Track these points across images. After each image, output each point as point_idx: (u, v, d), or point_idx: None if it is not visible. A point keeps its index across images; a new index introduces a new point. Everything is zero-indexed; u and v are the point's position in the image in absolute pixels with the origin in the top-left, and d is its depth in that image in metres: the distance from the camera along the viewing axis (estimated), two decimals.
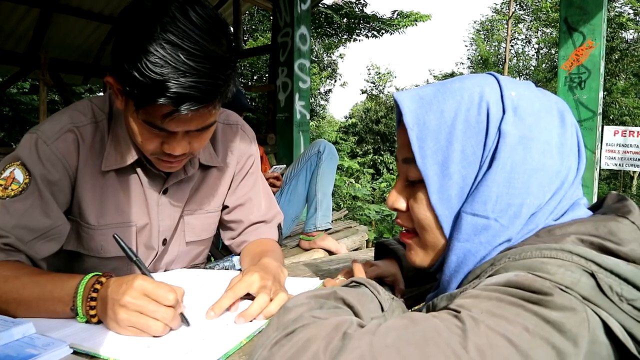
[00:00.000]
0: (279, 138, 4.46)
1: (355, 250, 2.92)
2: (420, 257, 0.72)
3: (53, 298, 0.79)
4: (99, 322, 0.77)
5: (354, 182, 9.32)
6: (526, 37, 22.18)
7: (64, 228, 0.97)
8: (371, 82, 18.75)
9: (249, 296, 0.84)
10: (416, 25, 12.15)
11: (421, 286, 1.01)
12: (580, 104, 3.60)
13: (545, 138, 0.60)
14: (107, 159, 0.99)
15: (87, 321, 0.77)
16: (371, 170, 12.13)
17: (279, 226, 1.26)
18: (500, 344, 0.44)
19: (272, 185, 2.55)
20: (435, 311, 0.57)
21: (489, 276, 0.56)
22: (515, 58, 22.67)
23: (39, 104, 4.54)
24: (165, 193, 1.07)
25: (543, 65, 20.52)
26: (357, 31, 12.06)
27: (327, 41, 13.89)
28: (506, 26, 18.76)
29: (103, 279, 0.78)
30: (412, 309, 0.91)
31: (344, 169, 10.00)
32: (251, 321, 0.79)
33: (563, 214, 0.62)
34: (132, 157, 1.00)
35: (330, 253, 2.55)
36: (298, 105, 4.35)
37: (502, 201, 0.59)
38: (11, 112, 9.32)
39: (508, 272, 0.53)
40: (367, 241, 3.23)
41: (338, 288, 0.63)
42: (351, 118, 18.38)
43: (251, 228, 1.21)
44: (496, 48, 22.32)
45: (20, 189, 0.90)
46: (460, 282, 0.65)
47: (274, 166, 2.61)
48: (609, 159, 5.49)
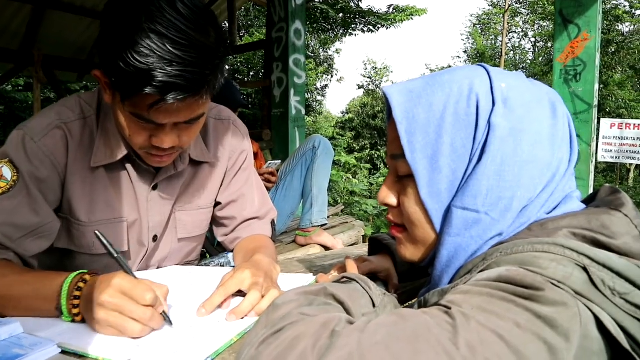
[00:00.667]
0: (275, 134, 4.45)
1: (351, 245, 2.92)
2: (410, 252, 0.71)
3: (39, 297, 0.78)
4: (84, 321, 0.75)
5: (351, 178, 9.32)
6: (523, 31, 22.17)
7: (54, 225, 0.96)
8: (368, 77, 18.74)
9: (241, 293, 0.84)
10: (412, 19, 12.10)
11: (415, 281, 1.01)
12: (575, 97, 3.60)
13: (536, 129, 0.60)
14: (97, 155, 0.98)
15: (72, 320, 0.76)
16: (368, 165, 12.13)
17: (273, 222, 1.25)
18: (491, 340, 0.43)
19: (268, 181, 2.54)
20: (426, 307, 0.56)
21: (481, 271, 0.56)
22: (512, 51, 22.65)
23: (33, 102, 4.51)
24: (155, 189, 1.06)
25: (540, 58, 20.50)
26: (353, 26, 12.02)
27: (323, 36, 13.84)
28: (503, 20, 18.74)
29: (87, 277, 0.77)
30: (406, 305, 0.90)
31: (341, 165, 10.00)
32: (242, 318, 0.78)
33: (555, 207, 0.61)
34: (122, 153, 0.99)
35: (326, 249, 2.55)
36: (293, 100, 4.33)
37: (493, 194, 0.59)
38: (6, 110, 9.27)
39: (500, 267, 0.53)
40: (364, 236, 3.23)
41: (328, 284, 0.62)
42: (348, 113, 18.36)
43: (244, 224, 1.20)
44: (493, 42, 22.30)
45: (8, 187, 0.89)
46: (452, 277, 0.64)
47: (269, 162, 2.61)
48: (606, 152, 5.50)
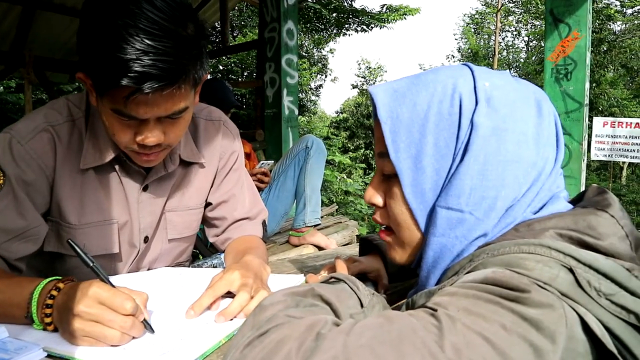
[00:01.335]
0: (268, 134, 4.44)
1: (345, 245, 2.92)
2: (399, 255, 0.71)
3: (12, 304, 0.76)
4: (56, 330, 0.73)
5: (346, 177, 9.32)
6: (516, 30, 22.27)
7: (41, 229, 0.95)
8: (362, 77, 18.76)
9: (231, 294, 0.83)
10: (405, 19, 12.12)
11: (406, 281, 1.01)
12: (566, 96, 3.61)
13: (520, 129, 0.59)
14: (85, 157, 0.97)
15: (44, 329, 0.74)
16: (363, 165, 12.12)
17: (264, 223, 1.25)
18: (476, 342, 0.43)
19: (260, 181, 2.53)
20: (413, 308, 0.56)
21: (468, 272, 0.55)
22: (505, 50, 22.75)
23: (25, 103, 4.48)
24: (145, 190, 1.05)
25: (533, 57, 20.60)
26: (347, 26, 12.03)
27: (317, 36, 13.84)
28: (496, 19, 18.81)
29: (61, 285, 0.75)
30: (393, 306, 0.90)
31: (336, 164, 10.00)
32: (231, 320, 0.78)
33: (542, 207, 0.61)
34: (111, 154, 0.98)
35: (320, 249, 2.54)
36: (286, 100, 4.33)
37: (476, 194, 0.59)
38: None
39: (486, 269, 0.53)
40: (357, 236, 3.23)
41: (316, 285, 0.62)
42: (342, 113, 18.36)
43: (235, 225, 1.20)
44: (486, 41, 22.38)
45: None
46: (439, 278, 0.64)
47: (261, 162, 2.60)
48: (599, 150, 5.54)
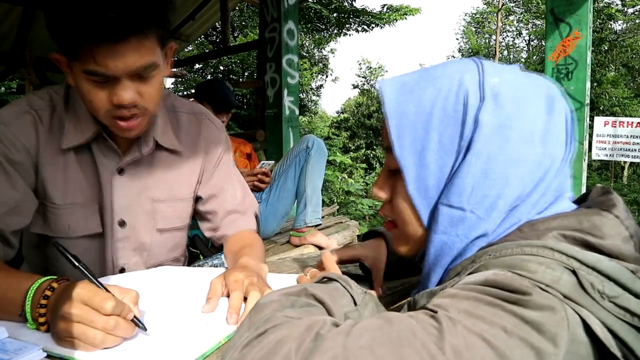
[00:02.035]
0: (268, 134, 4.44)
1: (346, 245, 2.92)
2: (403, 247, 0.72)
3: (6, 299, 0.76)
4: (49, 331, 0.72)
5: (347, 177, 9.32)
6: (517, 29, 22.24)
7: (32, 204, 0.98)
8: (362, 77, 18.75)
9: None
10: (406, 18, 12.12)
11: (405, 281, 1.01)
12: (567, 95, 3.57)
13: (527, 127, 0.58)
14: (67, 137, 1.00)
15: (37, 329, 0.73)
16: (364, 165, 12.12)
17: (256, 215, 1.27)
18: (477, 345, 0.43)
19: (261, 181, 2.53)
20: (415, 308, 0.56)
21: (470, 273, 0.55)
22: (505, 50, 22.73)
23: None
24: (121, 173, 1.07)
25: (534, 57, 20.57)
26: (347, 26, 12.03)
27: (318, 36, 13.85)
28: (496, 18, 18.80)
29: (55, 285, 0.74)
30: (393, 306, 0.90)
31: (337, 164, 9.99)
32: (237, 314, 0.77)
33: (546, 208, 0.60)
34: (91, 131, 1.01)
35: (320, 249, 2.54)
36: (287, 100, 4.33)
37: (478, 192, 0.58)
38: None
39: (488, 270, 0.52)
40: (358, 236, 3.23)
41: (309, 285, 0.62)
42: (343, 113, 18.35)
43: (228, 219, 1.21)
44: (487, 40, 22.37)
45: None
46: (440, 278, 0.64)
47: (262, 162, 2.60)
48: (600, 150, 5.53)
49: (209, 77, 13.74)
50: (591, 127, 5.17)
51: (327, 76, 16.83)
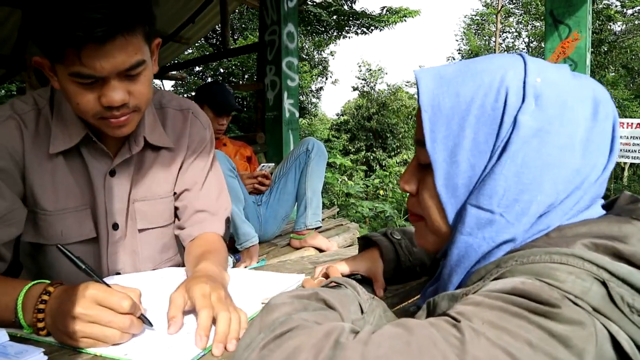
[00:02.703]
0: (269, 137, 4.44)
1: (346, 247, 2.91)
2: (426, 242, 0.70)
3: (1, 306, 0.76)
4: (48, 335, 0.73)
5: (347, 180, 9.32)
6: (516, 31, 22.26)
7: (21, 212, 0.95)
8: (362, 79, 18.72)
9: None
10: (405, 21, 12.16)
11: (406, 283, 1.01)
12: None
13: (567, 132, 0.55)
14: (54, 142, 0.98)
15: (35, 333, 0.73)
16: (364, 167, 12.12)
17: (228, 220, 1.21)
18: (500, 358, 0.42)
19: (261, 184, 2.54)
20: (435, 311, 0.55)
21: (495, 279, 0.53)
22: (505, 52, 22.74)
23: None
24: (112, 175, 1.05)
25: None
26: (347, 28, 12.05)
27: (317, 39, 13.86)
28: (496, 20, 18.82)
29: (51, 289, 0.74)
30: (396, 308, 0.90)
31: (337, 167, 10.00)
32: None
33: (578, 214, 0.58)
34: (80, 134, 0.99)
35: (321, 251, 2.54)
36: (287, 103, 4.33)
37: (509, 196, 0.56)
38: None
39: (514, 277, 0.51)
40: (358, 238, 3.22)
41: (319, 289, 0.62)
42: (343, 115, 18.34)
43: (196, 218, 1.15)
44: (487, 42, 22.39)
45: None
46: (461, 279, 0.62)
47: (262, 164, 2.60)
48: None
49: (209, 80, 13.74)
50: None
51: (327, 78, 16.85)
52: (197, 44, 12.35)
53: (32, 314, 0.72)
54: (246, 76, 13.61)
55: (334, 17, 11.47)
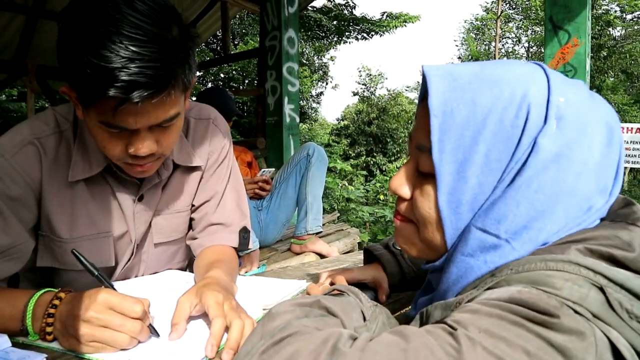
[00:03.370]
0: (269, 142, 4.45)
1: (346, 252, 2.91)
2: (410, 246, 0.66)
3: (4, 316, 0.76)
4: (54, 340, 0.73)
5: (347, 185, 9.32)
6: (516, 36, 22.33)
7: (26, 247, 0.92)
8: (362, 84, 18.77)
9: None
10: (405, 26, 12.20)
11: (407, 291, 1.01)
12: None
13: (584, 158, 0.52)
14: (74, 169, 0.94)
15: (41, 339, 0.73)
16: (364, 172, 12.13)
17: (244, 230, 1.17)
18: None
19: (262, 189, 2.54)
20: (428, 321, 0.55)
21: (489, 288, 0.52)
22: (505, 57, 22.81)
23: (27, 112, 4.49)
24: (140, 200, 1.03)
25: None
26: (347, 33, 12.09)
27: (318, 44, 13.91)
28: (496, 25, 18.88)
29: (62, 295, 0.75)
30: (397, 314, 0.90)
31: (337, 171, 10.00)
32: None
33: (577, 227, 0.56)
34: (101, 165, 0.95)
35: (321, 256, 2.54)
36: (287, 108, 4.34)
37: (519, 222, 0.53)
38: (0, 120, 9.23)
39: (510, 285, 0.49)
40: (359, 243, 3.22)
41: (321, 297, 0.62)
42: (343, 120, 18.36)
43: (209, 230, 1.13)
44: (487, 47, 22.45)
45: None
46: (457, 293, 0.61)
47: (262, 169, 2.60)
48: None
49: (210, 85, 13.77)
50: None
51: (327, 83, 16.88)
52: (198, 49, 12.40)
53: (42, 320, 0.72)
54: (246, 81, 13.63)
55: (334, 23, 11.51)
